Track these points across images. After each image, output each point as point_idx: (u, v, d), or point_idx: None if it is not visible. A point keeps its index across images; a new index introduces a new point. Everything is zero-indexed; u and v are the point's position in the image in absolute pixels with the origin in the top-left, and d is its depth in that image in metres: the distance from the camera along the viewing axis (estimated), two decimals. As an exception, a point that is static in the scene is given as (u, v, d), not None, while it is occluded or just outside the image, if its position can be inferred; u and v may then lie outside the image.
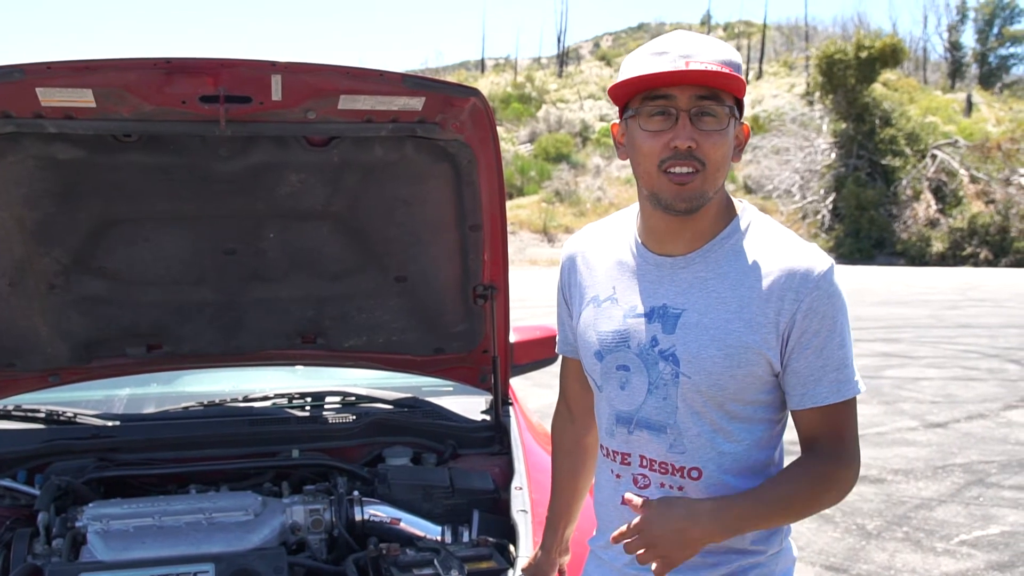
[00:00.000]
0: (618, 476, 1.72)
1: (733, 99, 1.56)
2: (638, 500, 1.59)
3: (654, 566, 1.56)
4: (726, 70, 1.52)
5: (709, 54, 1.53)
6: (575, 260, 1.82)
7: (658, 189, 1.57)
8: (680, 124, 1.53)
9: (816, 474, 1.61)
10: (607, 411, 1.73)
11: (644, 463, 1.68)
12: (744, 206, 1.69)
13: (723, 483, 1.63)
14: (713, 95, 1.53)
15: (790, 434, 1.67)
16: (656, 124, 1.55)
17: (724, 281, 1.60)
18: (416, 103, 2.35)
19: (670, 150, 1.53)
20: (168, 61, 2.15)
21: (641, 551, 1.55)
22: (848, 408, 1.62)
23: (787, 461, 1.70)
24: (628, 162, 1.65)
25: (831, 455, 1.62)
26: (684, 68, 1.50)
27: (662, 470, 1.66)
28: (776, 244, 1.62)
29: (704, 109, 1.53)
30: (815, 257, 1.59)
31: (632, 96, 1.58)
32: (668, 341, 1.61)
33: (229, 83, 2.21)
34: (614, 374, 1.69)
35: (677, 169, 1.54)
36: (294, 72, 2.21)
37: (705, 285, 1.61)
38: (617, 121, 1.66)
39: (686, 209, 1.57)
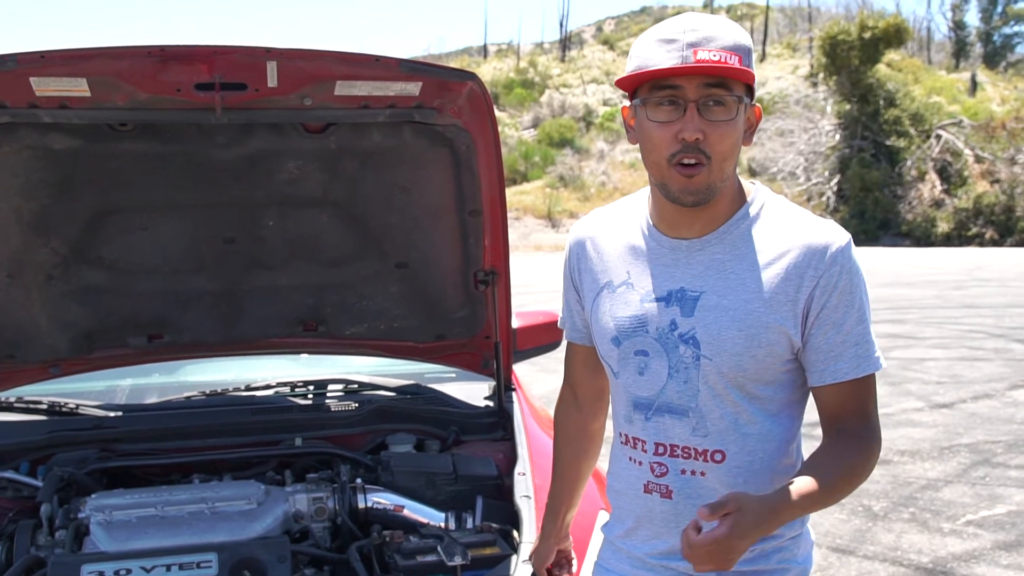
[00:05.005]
0: (638, 463, 1.70)
1: (743, 85, 1.54)
2: (710, 522, 1.45)
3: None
4: (735, 57, 1.50)
5: (718, 40, 1.50)
6: (585, 245, 1.79)
7: (667, 180, 1.56)
8: (688, 115, 1.51)
9: (850, 456, 1.57)
10: (624, 398, 1.71)
11: (661, 450, 1.66)
12: (757, 187, 1.68)
13: (746, 464, 1.62)
14: (721, 83, 1.51)
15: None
16: (664, 114, 1.53)
17: (743, 262, 1.59)
18: (413, 88, 2.33)
19: (679, 142, 1.52)
20: (162, 49, 2.13)
21: (706, 563, 1.45)
22: (869, 383, 1.61)
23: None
24: (632, 146, 1.64)
25: (858, 434, 1.59)
26: (692, 60, 1.48)
27: (684, 455, 1.64)
28: (792, 222, 1.61)
29: (713, 98, 1.51)
30: (832, 232, 1.58)
31: (640, 83, 1.56)
32: (687, 324, 1.60)
33: (224, 70, 2.19)
34: (632, 359, 1.67)
35: (685, 161, 1.53)
36: (289, 58, 2.19)
37: (723, 267, 1.60)
38: (627, 104, 1.64)
39: (693, 202, 1.56)
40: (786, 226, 1.60)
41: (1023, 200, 30.52)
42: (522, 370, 3.25)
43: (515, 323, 3.13)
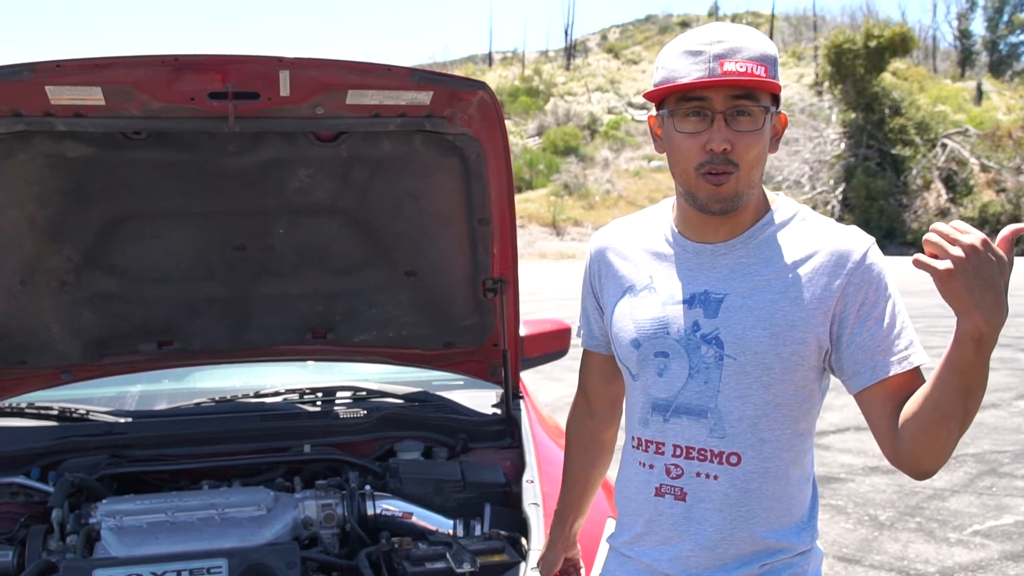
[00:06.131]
0: (650, 467, 1.69)
1: (769, 94, 1.56)
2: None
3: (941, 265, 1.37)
4: (761, 68, 1.52)
5: (744, 51, 1.52)
6: (606, 253, 1.80)
7: (695, 190, 1.58)
8: (715, 126, 1.52)
9: None
10: (642, 400, 1.71)
11: (678, 452, 1.65)
12: (780, 196, 1.70)
13: (761, 471, 1.62)
14: (748, 94, 1.53)
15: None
16: (691, 125, 1.55)
17: (768, 265, 1.60)
18: (424, 97, 2.35)
19: (706, 153, 1.53)
20: (176, 58, 2.15)
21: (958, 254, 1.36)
22: (919, 378, 1.56)
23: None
24: (636, 154, 1.66)
25: None
26: (719, 72, 1.50)
27: (700, 457, 1.63)
28: (816, 228, 1.63)
29: (739, 108, 1.53)
30: (856, 236, 1.61)
31: (668, 94, 1.58)
32: (711, 325, 1.61)
33: (237, 79, 2.21)
34: (652, 361, 1.67)
35: (713, 172, 1.54)
36: (302, 68, 2.21)
37: (748, 270, 1.61)
38: (654, 114, 1.65)
39: (721, 210, 1.58)
40: (811, 231, 1.62)
41: (1029, 209, 30.51)
42: (527, 378, 3.26)
43: (522, 331, 3.14)
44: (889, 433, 1.56)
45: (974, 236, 1.38)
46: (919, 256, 1.41)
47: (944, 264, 1.37)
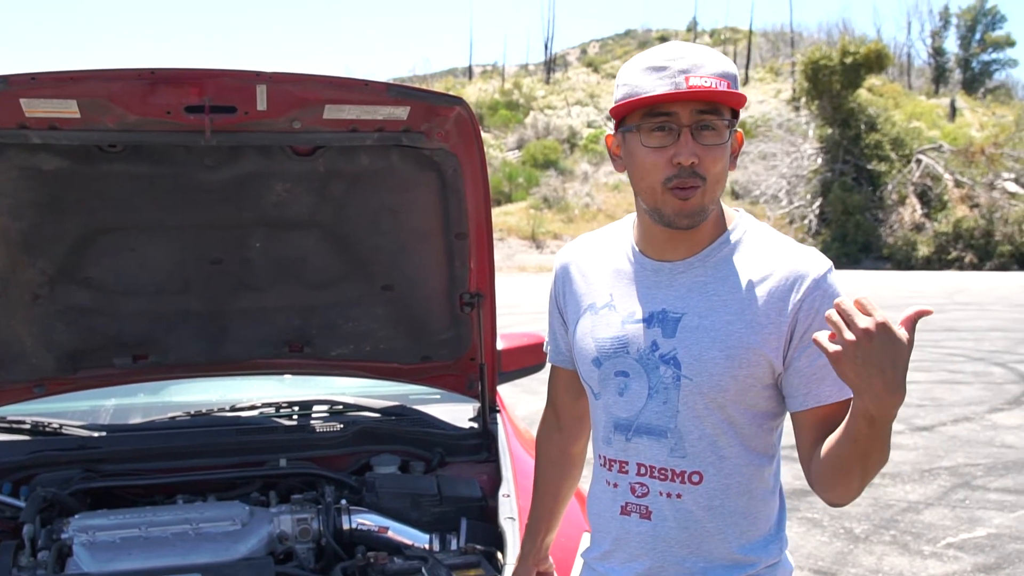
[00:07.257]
0: (615, 485, 1.70)
1: (729, 110, 1.57)
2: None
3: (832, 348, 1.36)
4: (724, 83, 1.53)
5: (708, 67, 1.53)
6: (569, 269, 1.81)
7: (661, 206, 1.58)
8: (682, 140, 1.53)
9: None
10: (604, 419, 1.71)
11: (642, 471, 1.66)
12: (740, 213, 1.70)
13: (723, 488, 1.62)
14: (713, 109, 1.54)
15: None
16: (657, 140, 1.55)
17: (724, 284, 1.61)
18: (401, 112, 2.36)
19: (674, 167, 1.54)
20: (153, 72, 2.15)
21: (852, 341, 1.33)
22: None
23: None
24: (616, 169, 1.66)
25: None
26: (685, 87, 1.51)
27: (661, 476, 1.64)
28: (774, 248, 1.63)
29: (705, 123, 1.54)
30: (814, 259, 1.60)
31: (630, 111, 1.58)
32: (668, 345, 1.61)
33: (214, 93, 2.21)
34: (612, 380, 1.68)
35: (682, 186, 1.55)
36: (279, 82, 2.22)
37: (705, 289, 1.62)
38: (611, 133, 1.66)
39: (688, 225, 1.58)
40: (769, 251, 1.63)
41: (1001, 225, 30.89)
42: (505, 391, 3.26)
43: (499, 345, 3.15)
44: (807, 459, 1.60)
45: (870, 320, 1.34)
46: (816, 335, 1.41)
47: (834, 347, 1.37)
